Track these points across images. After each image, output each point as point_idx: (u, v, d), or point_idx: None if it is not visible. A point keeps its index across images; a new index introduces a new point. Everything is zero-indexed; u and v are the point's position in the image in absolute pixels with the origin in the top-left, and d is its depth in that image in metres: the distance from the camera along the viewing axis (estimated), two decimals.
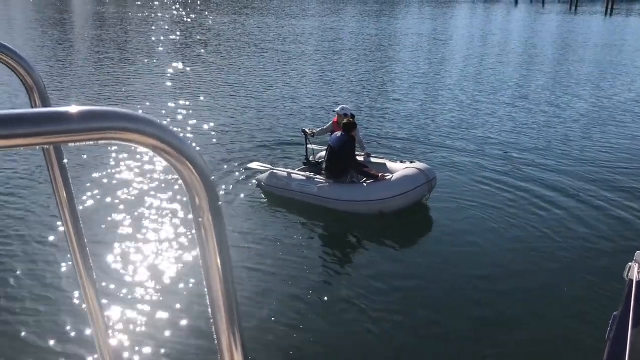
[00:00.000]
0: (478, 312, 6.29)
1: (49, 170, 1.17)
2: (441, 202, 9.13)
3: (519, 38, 36.77)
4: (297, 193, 8.89)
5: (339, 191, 8.57)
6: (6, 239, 7.56)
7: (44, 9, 51.51)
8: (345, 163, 8.62)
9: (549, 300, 6.49)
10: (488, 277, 7.03)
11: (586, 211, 8.89)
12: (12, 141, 0.50)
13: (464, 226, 8.41)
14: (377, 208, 8.36)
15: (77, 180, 9.26)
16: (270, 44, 30.44)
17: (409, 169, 8.69)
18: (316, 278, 6.95)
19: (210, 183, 0.63)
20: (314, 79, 20.51)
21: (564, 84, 20.39)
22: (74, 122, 0.53)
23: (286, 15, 51.69)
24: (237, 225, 8.20)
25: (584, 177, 10.39)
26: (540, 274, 7.06)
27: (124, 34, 34.58)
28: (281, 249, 7.65)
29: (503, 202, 9.22)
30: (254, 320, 5.99)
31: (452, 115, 15.14)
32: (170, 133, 0.60)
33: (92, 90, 17.72)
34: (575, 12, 65.39)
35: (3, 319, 5.88)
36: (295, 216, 8.65)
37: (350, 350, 5.65)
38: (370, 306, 6.35)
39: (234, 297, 0.67)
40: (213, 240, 0.64)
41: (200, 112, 14.96)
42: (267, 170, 9.43)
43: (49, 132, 0.52)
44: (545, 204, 9.15)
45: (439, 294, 6.67)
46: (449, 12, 64.34)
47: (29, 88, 1.11)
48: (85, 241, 1.19)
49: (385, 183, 8.37)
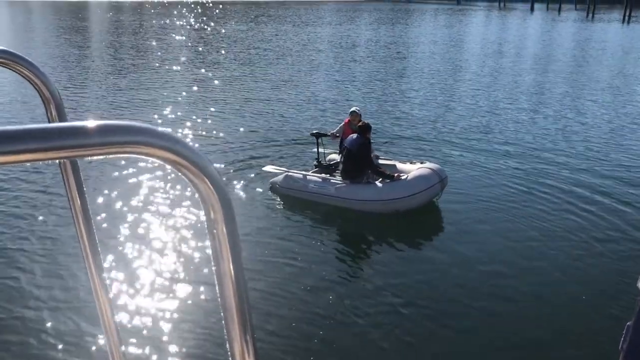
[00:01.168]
0: (489, 316, 6.28)
1: (65, 183, 1.18)
2: (452, 203, 9.27)
3: (535, 44, 36.60)
4: (313, 194, 9.07)
5: (357, 191, 8.79)
6: (22, 251, 7.55)
7: (64, 17, 52.31)
8: (362, 164, 8.82)
9: (562, 309, 6.41)
10: (500, 281, 7.00)
11: (601, 217, 8.80)
12: (29, 155, 0.51)
13: (474, 226, 8.45)
14: (394, 207, 8.60)
15: (92, 190, 9.29)
16: (286, 51, 30.64)
17: (422, 168, 8.93)
18: (333, 278, 7.01)
19: (226, 196, 0.64)
20: (329, 84, 20.63)
21: (581, 90, 20.28)
22: (91, 137, 0.54)
23: (302, 23, 52.01)
24: (254, 226, 8.29)
25: (600, 184, 10.31)
26: (553, 281, 6.96)
27: (140, 42, 35.02)
28: (298, 249, 7.73)
29: (516, 204, 9.21)
30: (272, 319, 6.05)
31: (466, 119, 15.13)
32: (187, 147, 0.60)
33: (108, 96, 17.97)
34: (592, 19, 64.97)
35: (20, 326, 5.95)
36: (311, 217, 8.76)
37: (365, 354, 5.69)
38: (386, 308, 6.38)
39: (247, 308, 0.68)
40: (227, 252, 0.65)
41: (216, 117, 15.16)
42: (282, 173, 9.61)
43: (67, 146, 0.53)
44: (560, 208, 9.12)
45: (455, 294, 6.67)
46: (464, 19, 64.26)
47: (45, 99, 1.12)
48: (100, 253, 1.21)
49: (401, 183, 8.61)
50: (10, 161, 0.51)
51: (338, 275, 7.12)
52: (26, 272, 7.04)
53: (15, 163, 0.51)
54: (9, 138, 0.50)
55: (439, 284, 6.93)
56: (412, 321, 6.14)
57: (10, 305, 6.29)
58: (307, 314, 6.21)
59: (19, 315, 6.11)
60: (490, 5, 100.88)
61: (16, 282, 6.78)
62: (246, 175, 10.48)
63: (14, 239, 7.93)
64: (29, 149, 0.51)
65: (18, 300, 6.41)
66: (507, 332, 5.99)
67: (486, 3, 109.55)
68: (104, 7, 70.44)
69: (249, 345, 0.69)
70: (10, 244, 7.77)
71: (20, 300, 6.41)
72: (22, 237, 8.02)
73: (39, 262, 7.32)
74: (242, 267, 0.67)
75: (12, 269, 7.10)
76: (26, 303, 6.36)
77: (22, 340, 5.72)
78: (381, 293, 6.67)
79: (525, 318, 6.22)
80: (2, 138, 0.50)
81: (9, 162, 0.51)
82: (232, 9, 71.85)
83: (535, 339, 5.88)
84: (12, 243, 7.79)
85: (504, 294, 6.70)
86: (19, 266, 7.18)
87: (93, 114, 15.21)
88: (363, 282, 7.01)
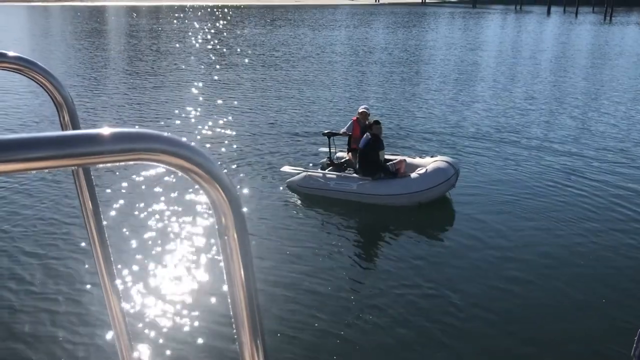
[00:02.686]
0: (502, 315, 6.40)
1: (78, 190, 1.19)
2: (465, 195, 9.76)
3: (552, 47, 36.35)
4: (336, 192, 9.38)
5: (380, 187, 9.19)
6: (34, 256, 7.59)
7: (82, 21, 52.94)
8: (370, 160, 9.21)
9: (575, 314, 6.39)
10: (516, 279, 7.12)
11: (617, 221, 8.78)
12: (42, 163, 0.52)
13: (487, 221, 8.63)
14: (418, 199, 9.08)
15: (104, 196, 9.31)
16: (304, 53, 30.83)
17: (438, 161, 9.40)
18: (357, 277, 7.25)
19: (237, 203, 0.65)
20: (345, 85, 20.79)
21: (599, 90, 20.25)
22: (103, 144, 0.55)
23: (320, 26, 52.14)
24: (274, 226, 8.52)
25: (615, 186, 10.38)
26: (565, 286, 6.95)
27: (156, 45, 35.36)
28: (318, 246, 7.97)
29: (531, 203, 9.38)
30: (283, 321, 6.29)
31: (482, 117, 15.25)
32: (199, 153, 0.61)
33: (121, 99, 18.18)
34: (610, 22, 64.30)
35: (31, 332, 5.99)
36: (334, 214, 9.05)
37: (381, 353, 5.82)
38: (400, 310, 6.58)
39: (258, 314, 0.68)
40: (238, 259, 0.66)
41: (233, 118, 15.43)
42: (298, 173, 9.85)
43: (79, 153, 0.54)
44: (576, 210, 9.27)
45: (472, 291, 6.86)
46: (480, 22, 63.97)
47: (58, 104, 1.14)
48: (112, 259, 1.22)
49: (423, 175, 9.10)
50: (26, 168, 0.52)
51: (363, 275, 7.33)
52: (38, 278, 7.06)
53: (31, 170, 0.53)
54: (24, 146, 0.51)
55: (455, 281, 7.12)
56: (441, 325, 6.25)
57: (22, 314, 6.31)
58: (330, 316, 6.31)
59: (30, 322, 6.16)
60: (506, 9, 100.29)
61: (28, 289, 6.80)
62: (264, 176, 10.71)
63: (26, 244, 7.93)
64: (44, 157, 0.52)
65: (30, 307, 6.43)
66: (519, 333, 6.03)
67: (502, 6, 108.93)
68: (121, 11, 71.18)
69: (260, 352, 0.69)
70: (22, 250, 7.78)
71: (33, 307, 6.43)
72: (34, 242, 8.02)
73: (51, 267, 7.32)
74: (254, 274, 0.68)
75: (25, 275, 7.11)
76: (38, 310, 6.39)
77: (34, 346, 5.77)
78: (399, 291, 6.83)
79: (536, 320, 6.26)
80: (18, 146, 0.51)
81: (26, 169, 0.52)
82: (249, 13, 72.20)
83: (548, 341, 5.92)
84: (24, 249, 7.80)
85: (519, 293, 6.86)
86: (32, 272, 7.20)
87: (107, 118, 15.36)
88: (383, 280, 7.19)
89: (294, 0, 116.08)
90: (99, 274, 1.22)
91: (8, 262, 7.44)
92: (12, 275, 7.11)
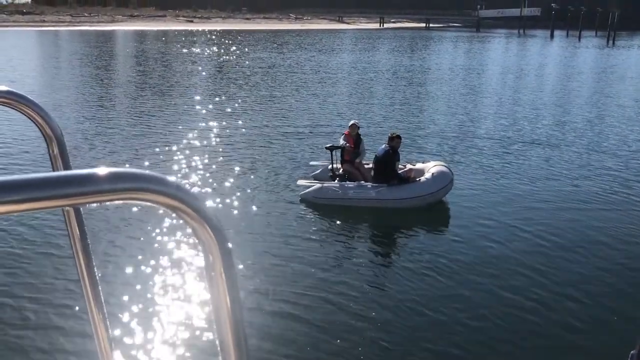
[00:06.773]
0: (501, 316, 6.49)
1: (68, 229, 1.19)
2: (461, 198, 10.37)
3: (555, 69, 36.64)
4: (354, 200, 9.92)
5: (396, 192, 9.96)
6: (23, 297, 7.15)
7: (89, 46, 53.58)
8: (387, 168, 9.95)
9: (576, 314, 6.50)
10: (519, 282, 7.25)
11: (617, 221, 9.06)
12: (32, 204, 0.53)
13: (488, 222, 8.82)
14: (428, 201, 9.95)
15: (93, 234, 8.58)
16: (313, 76, 31.10)
17: (437, 166, 10.26)
18: (371, 279, 7.45)
19: (224, 241, 0.66)
20: (348, 104, 21.05)
21: (601, 114, 20.58)
22: (93, 184, 0.55)
23: (327, 50, 52.53)
24: (297, 235, 8.86)
25: (614, 191, 10.55)
26: (565, 288, 7.08)
27: (162, 69, 35.72)
28: (346, 254, 8.32)
29: (530, 209, 9.54)
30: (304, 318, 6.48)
31: (484, 138, 15.51)
32: (186, 192, 0.62)
33: (113, 130, 18.10)
34: (613, 46, 64.67)
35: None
36: (349, 221, 9.54)
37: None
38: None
39: (245, 351, 0.69)
40: (225, 296, 0.67)
41: (242, 137, 15.72)
42: (312, 186, 10.21)
43: (70, 194, 0.54)
44: (583, 216, 9.39)
45: (479, 292, 6.97)
46: (484, 46, 64.46)
47: (48, 138, 1.14)
48: (102, 296, 1.22)
49: (430, 180, 9.97)
50: (16, 210, 0.53)
51: (384, 282, 7.56)
52: (27, 317, 6.71)
53: (20, 212, 0.53)
54: (14, 188, 0.52)
55: (461, 282, 7.24)
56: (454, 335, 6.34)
57: (10, 352, 6.04)
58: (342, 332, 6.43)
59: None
60: (509, 33, 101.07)
61: (16, 328, 6.46)
62: (279, 191, 10.94)
63: (15, 282, 7.52)
64: (32, 198, 0.53)
65: (19, 347, 6.14)
66: (517, 335, 6.16)
67: (505, 30, 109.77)
68: (129, 36, 72.12)
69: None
70: (11, 287, 7.38)
71: (21, 347, 6.15)
72: (23, 281, 7.61)
73: (40, 304, 6.98)
74: (241, 311, 0.68)
75: (13, 313, 6.75)
76: (28, 349, 6.14)
77: None
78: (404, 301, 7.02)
79: (538, 324, 6.33)
80: (8, 188, 0.52)
81: (17, 211, 0.53)
82: (257, 37, 72.95)
83: (552, 341, 6.00)
84: (13, 287, 7.40)
85: (523, 295, 6.94)
86: (21, 311, 6.81)
87: (101, 152, 13.58)
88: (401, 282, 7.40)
89: (300, 25, 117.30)
90: (88, 311, 1.22)
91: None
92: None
